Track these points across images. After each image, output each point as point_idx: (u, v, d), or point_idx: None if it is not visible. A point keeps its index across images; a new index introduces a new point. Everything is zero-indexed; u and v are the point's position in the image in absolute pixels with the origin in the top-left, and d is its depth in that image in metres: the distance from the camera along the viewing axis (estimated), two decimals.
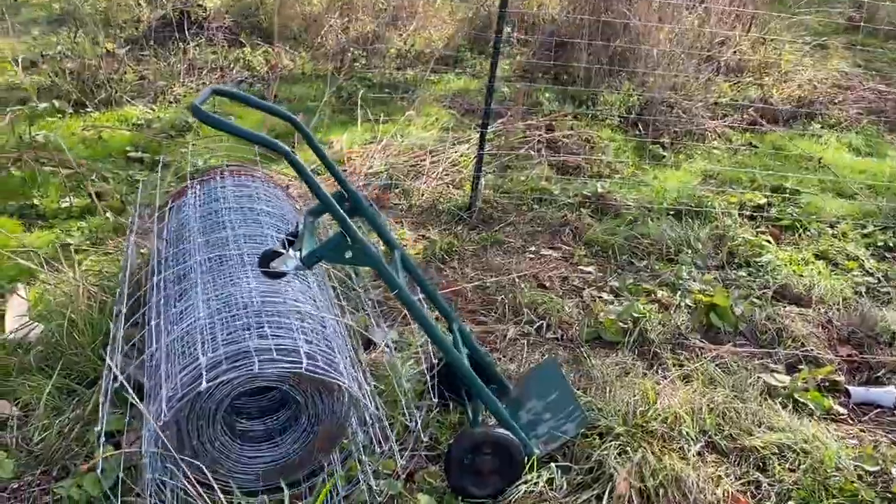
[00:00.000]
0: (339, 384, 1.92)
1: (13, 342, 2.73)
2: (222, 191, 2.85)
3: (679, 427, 2.38)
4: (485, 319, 3.13)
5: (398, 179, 4.33)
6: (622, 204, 4.31)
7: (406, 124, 5.13)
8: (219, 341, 1.96)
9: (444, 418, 2.46)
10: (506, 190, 4.42)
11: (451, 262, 3.61)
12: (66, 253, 3.32)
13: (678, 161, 5.18)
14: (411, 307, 2.08)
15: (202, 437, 2.05)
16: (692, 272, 3.59)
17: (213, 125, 1.84)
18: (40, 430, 2.32)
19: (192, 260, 2.33)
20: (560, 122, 5.44)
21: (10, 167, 3.94)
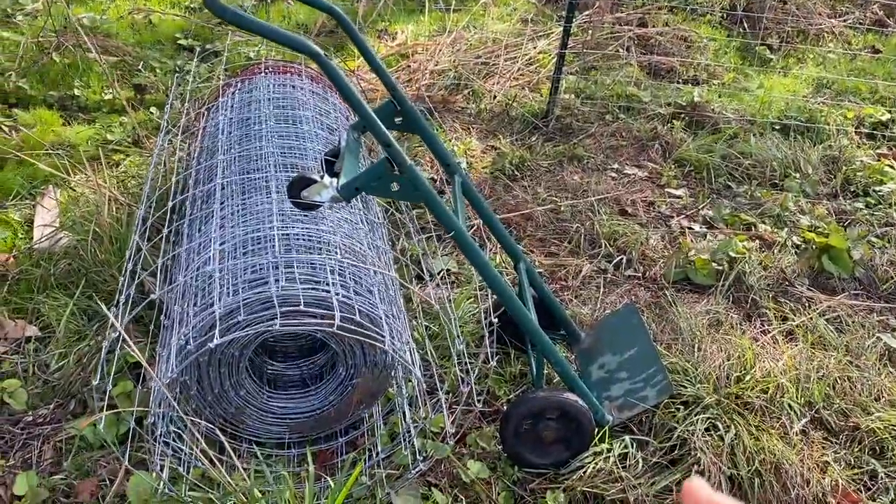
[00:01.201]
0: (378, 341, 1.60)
1: (40, 252, 2.51)
2: (263, 91, 2.50)
3: (780, 398, 2.01)
4: (556, 251, 2.75)
5: (467, 79, 3.88)
6: (720, 116, 3.77)
7: (480, 14, 4.61)
8: (239, 282, 1.66)
9: (503, 369, 2.15)
10: (588, 95, 3.93)
11: (522, 180, 3.21)
12: (105, 151, 3.08)
13: (787, 66, 4.55)
14: (469, 251, 1.72)
15: (224, 385, 1.79)
16: (800, 202, 3.10)
17: (231, 21, 1.46)
18: (58, 358, 2.11)
19: (218, 178, 2.01)
20: (654, 17, 4.82)
21: (51, 53, 3.66)
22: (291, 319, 1.56)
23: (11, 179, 2.88)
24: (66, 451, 1.88)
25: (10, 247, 2.56)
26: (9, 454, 1.89)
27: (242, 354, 1.76)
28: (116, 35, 4.06)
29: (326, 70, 1.51)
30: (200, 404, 1.80)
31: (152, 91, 3.57)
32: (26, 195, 2.81)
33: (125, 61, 3.82)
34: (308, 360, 2.04)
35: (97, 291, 2.30)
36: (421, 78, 3.84)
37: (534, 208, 2.98)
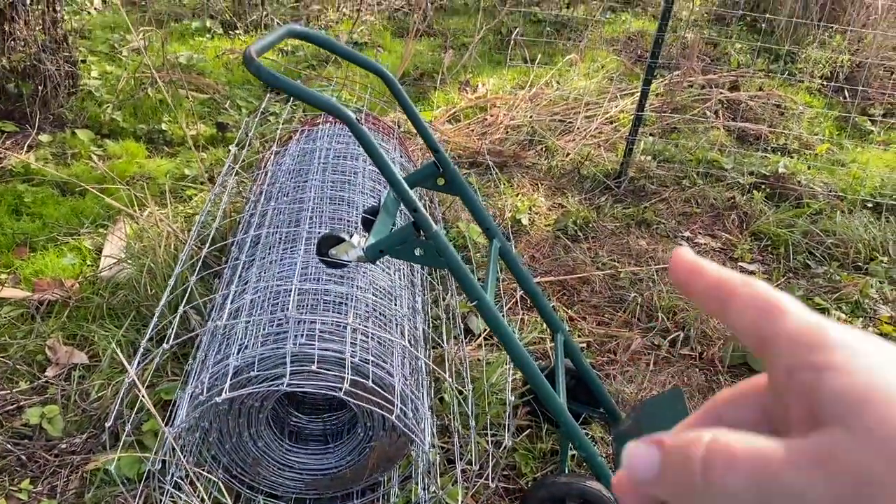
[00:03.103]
0: (389, 409, 1.57)
1: (103, 281, 2.61)
2: (323, 140, 2.54)
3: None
4: (609, 320, 2.65)
5: (542, 135, 3.85)
6: (807, 189, 3.58)
7: (565, 70, 4.58)
8: (261, 335, 1.66)
9: (533, 444, 2.06)
10: (667, 157, 3.81)
11: (585, 241, 3.13)
12: (180, 185, 3.21)
13: (889, 139, 4.29)
14: (493, 322, 1.67)
15: (243, 434, 1.79)
16: (884, 289, 2.88)
17: (267, 81, 1.49)
18: (98, 388, 2.17)
19: (265, 227, 2.03)
20: (748, 81, 4.66)
21: (147, 88, 3.86)
22: (303, 378, 1.54)
23: (90, 207, 3.03)
24: (90, 483, 1.92)
25: (77, 273, 2.68)
26: (38, 480, 1.94)
27: (263, 405, 1.76)
28: (210, 74, 4.25)
29: (356, 133, 1.51)
30: (219, 451, 1.81)
31: (234, 129, 3.70)
32: (101, 224, 2.94)
33: (214, 99, 3.99)
34: (334, 414, 2.02)
35: (145, 325, 2.36)
36: (496, 131, 3.83)
37: (592, 272, 2.89)
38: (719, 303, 0.33)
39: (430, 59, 4.73)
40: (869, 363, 0.28)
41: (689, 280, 0.34)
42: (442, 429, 2.02)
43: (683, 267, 0.35)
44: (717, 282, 0.33)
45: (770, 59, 5.01)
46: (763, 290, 0.32)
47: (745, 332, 0.32)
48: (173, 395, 2.09)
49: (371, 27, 5.12)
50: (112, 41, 4.50)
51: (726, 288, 0.33)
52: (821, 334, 0.29)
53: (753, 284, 0.32)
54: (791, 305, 0.31)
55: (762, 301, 0.31)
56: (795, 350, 0.29)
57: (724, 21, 5.68)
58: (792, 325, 0.30)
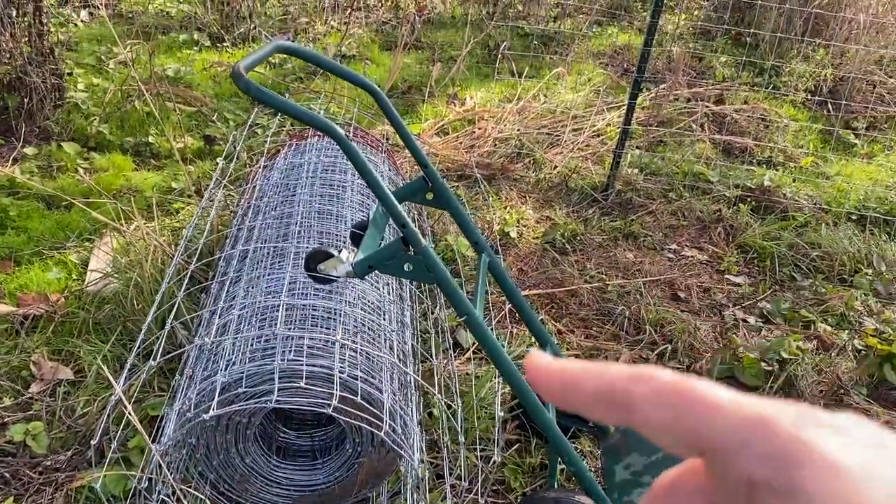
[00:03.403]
0: (377, 425, 1.56)
1: (88, 296, 2.59)
2: (312, 154, 2.54)
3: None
4: (597, 333, 2.66)
5: (529, 147, 3.86)
6: (792, 202, 3.61)
7: (552, 83, 4.61)
8: (248, 351, 1.65)
9: (522, 459, 2.06)
10: (653, 170, 3.84)
11: (573, 254, 3.14)
12: (167, 198, 3.19)
13: (872, 152, 4.34)
14: (482, 337, 1.67)
15: (230, 451, 1.78)
16: (869, 301, 2.91)
17: (255, 97, 1.49)
18: (83, 404, 2.15)
19: (252, 241, 2.03)
20: (733, 94, 4.71)
21: (134, 100, 3.85)
22: (291, 394, 1.53)
23: (76, 221, 3.01)
24: (75, 501, 1.90)
25: (63, 287, 2.66)
26: (22, 498, 1.92)
27: (251, 422, 1.75)
28: (197, 86, 4.25)
29: (344, 149, 1.51)
30: (206, 467, 1.79)
31: (221, 142, 3.69)
32: (87, 238, 2.92)
33: (201, 112, 3.98)
34: (322, 430, 2.01)
35: (132, 340, 2.34)
36: (484, 144, 3.85)
37: (580, 285, 2.89)
38: (618, 411, 0.27)
39: (418, 72, 4.75)
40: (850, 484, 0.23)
41: (567, 393, 0.28)
42: (431, 444, 2.01)
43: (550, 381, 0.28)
44: (601, 388, 0.27)
45: (755, 72, 5.06)
46: (665, 381, 0.26)
47: (667, 437, 0.26)
48: (160, 411, 2.07)
49: (359, 40, 5.14)
50: (99, 53, 4.49)
51: (618, 391, 0.27)
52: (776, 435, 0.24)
53: (651, 377, 0.27)
54: (710, 390, 0.26)
55: (672, 394, 0.26)
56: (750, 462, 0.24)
57: (709, 35, 5.73)
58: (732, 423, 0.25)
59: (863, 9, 4.97)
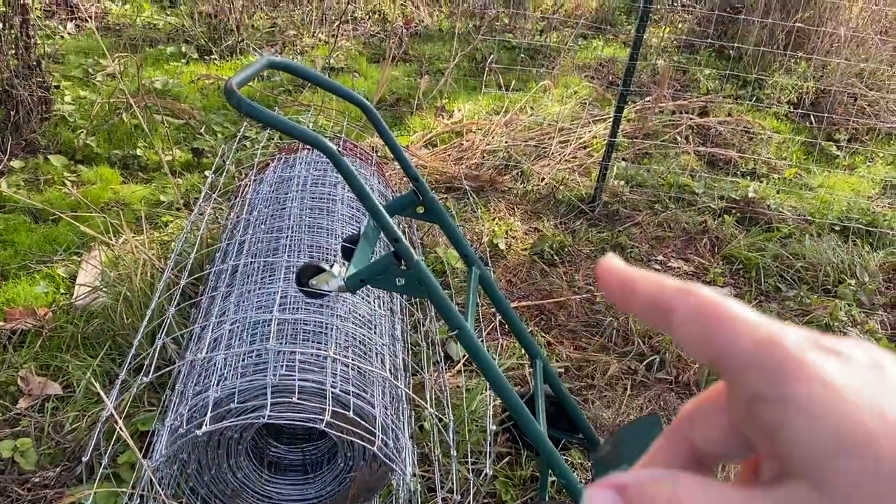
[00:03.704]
0: (369, 440, 1.57)
1: (77, 310, 2.58)
2: (302, 167, 2.55)
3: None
4: (586, 344, 2.68)
5: (517, 160, 3.89)
6: (776, 213, 3.66)
7: (539, 95, 4.64)
8: (240, 366, 1.65)
9: (513, 472, 2.07)
10: (639, 182, 3.88)
11: (561, 265, 3.16)
12: (155, 212, 3.19)
13: (854, 163, 4.40)
14: (474, 351, 1.68)
15: (222, 466, 1.77)
16: (853, 312, 2.95)
17: (246, 113, 1.50)
18: (73, 420, 2.14)
19: (242, 256, 2.03)
20: (717, 107, 4.76)
21: (121, 113, 3.84)
22: (283, 410, 1.54)
23: (64, 234, 2.99)
24: None
25: (51, 302, 2.64)
26: None
27: (242, 437, 1.75)
28: (185, 99, 4.25)
29: (336, 164, 1.52)
30: (197, 483, 1.79)
31: (210, 155, 3.70)
32: (75, 251, 2.91)
33: (189, 125, 3.98)
34: (313, 444, 2.01)
35: (122, 354, 2.34)
36: (472, 156, 3.87)
37: (569, 296, 2.92)
38: (660, 318, 0.30)
39: (406, 84, 4.77)
40: (840, 397, 0.24)
41: (623, 296, 0.31)
42: (422, 457, 2.02)
43: (612, 281, 0.31)
44: (653, 294, 0.30)
45: (738, 85, 5.12)
46: (705, 298, 0.28)
47: (694, 349, 0.29)
48: (150, 426, 2.07)
49: (347, 53, 5.16)
50: (86, 66, 4.48)
51: (664, 300, 0.29)
52: (780, 354, 0.26)
53: (694, 292, 0.29)
54: (739, 312, 0.28)
55: (706, 311, 0.28)
56: (753, 377, 0.26)
57: (693, 48, 5.80)
58: (745, 340, 0.27)
59: (843, 23, 5.05)
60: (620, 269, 0.31)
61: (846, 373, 0.25)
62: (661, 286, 0.30)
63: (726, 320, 0.27)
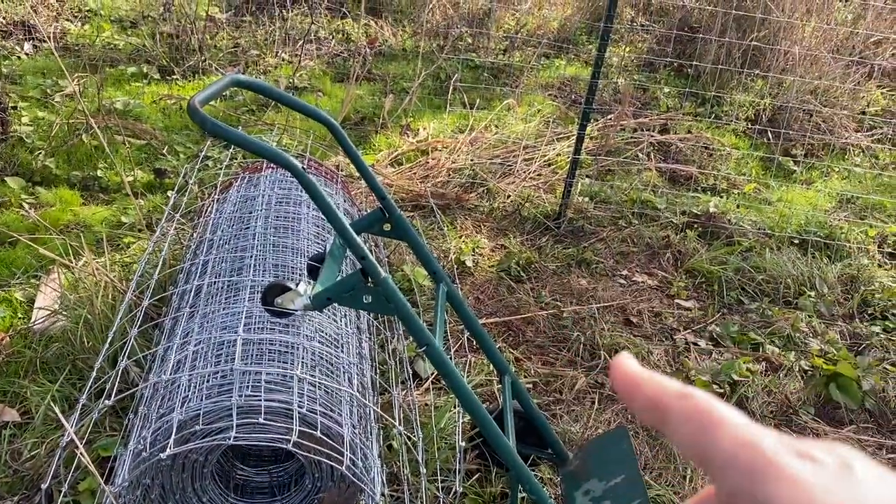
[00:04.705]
0: (338, 460, 1.55)
1: (35, 334, 2.52)
2: (265, 186, 2.53)
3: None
4: (554, 359, 2.69)
5: (483, 177, 3.91)
6: (737, 228, 3.72)
7: (503, 114, 4.68)
8: (205, 388, 1.63)
9: (483, 488, 2.06)
10: (603, 198, 3.92)
11: (528, 281, 3.18)
12: (117, 233, 3.14)
13: (810, 178, 4.51)
14: (442, 367, 1.68)
15: (187, 490, 1.74)
16: (813, 322, 3.00)
17: (211, 132, 1.49)
18: (31, 447, 2.08)
19: (206, 276, 2.01)
20: (677, 124, 4.85)
21: (81, 134, 3.78)
22: (249, 431, 1.51)
23: (21, 258, 2.93)
24: None
25: (7, 326, 2.58)
26: None
27: (208, 459, 1.71)
28: (147, 119, 4.20)
29: (302, 183, 1.52)
30: None
31: (172, 175, 3.65)
32: (33, 274, 2.85)
33: (151, 145, 3.94)
34: (281, 466, 1.98)
35: (82, 379, 2.28)
36: (438, 174, 3.88)
37: (536, 312, 2.93)
38: (658, 417, 0.33)
39: (370, 103, 4.78)
40: (812, 497, 0.27)
41: (629, 392, 0.34)
42: (391, 476, 2.00)
43: (623, 379, 0.35)
44: (654, 395, 0.33)
45: (697, 102, 5.22)
46: (699, 402, 0.31)
47: (685, 449, 0.31)
48: (112, 451, 2.02)
49: (311, 72, 5.15)
50: (44, 87, 4.41)
51: (663, 402, 0.33)
52: (758, 456, 0.28)
53: (690, 396, 0.32)
54: (728, 416, 0.30)
55: (698, 414, 0.31)
56: (733, 475, 0.29)
57: (652, 67, 5.91)
58: (728, 442, 0.29)
59: (797, 41, 5.19)
60: (631, 368, 0.35)
61: (818, 474, 0.27)
62: (663, 388, 0.33)
63: (715, 423, 0.30)
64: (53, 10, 5.55)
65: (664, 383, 0.33)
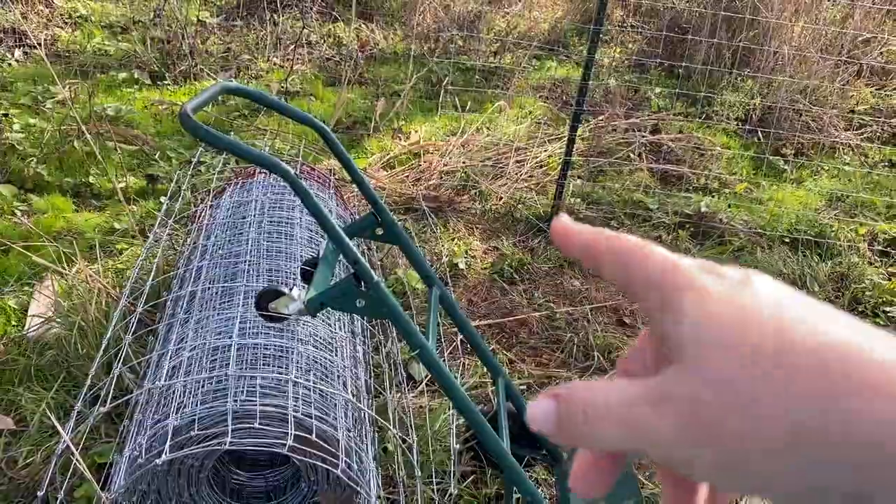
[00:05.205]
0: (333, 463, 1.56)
1: (30, 341, 2.52)
2: (258, 191, 2.54)
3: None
4: (547, 360, 2.70)
5: (475, 180, 3.93)
6: (728, 227, 3.75)
7: (495, 116, 4.70)
8: (200, 393, 1.63)
9: (477, 490, 2.07)
10: (595, 199, 3.94)
11: (521, 283, 3.19)
12: (110, 240, 3.14)
13: (801, 177, 4.54)
14: (436, 370, 1.69)
15: (183, 496, 1.74)
16: None
17: (204, 139, 1.49)
18: (27, 454, 2.08)
19: (200, 282, 2.02)
20: (668, 124, 4.87)
21: (73, 140, 3.78)
22: (244, 436, 1.52)
23: (15, 265, 2.93)
24: None
25: (1, 334, 2.58)
26: None
27: (203, 465, 1.72)
28: (138, 125, 4.20)
29: (295, 188, 1.53)
30: None
31: (164, 181, 3.66)
32: (26, 282, 2.85)
33: (143, 151, 3.94)
34: (276, 470, 1.99)
35: (77, 386, 2.29)
36: (430, 177, 3.89)
37: (529, 314, 2.94)
38: (593, 259, 0.37)
39: (362, 107, 4.79)
40: (704, 310, 0.31)
41: (565, 242, 0.38)
42: (387, 479, 2.01)
43: (559, 230, 0.39)
44: (588, 240, 0.37)
45: (688, 103, 5.25)
46: (626, 239, 0.36)
47: (616, 282, 0.36)
48: (108, 458, 2.02)
49: (303, 76, 5.16)
50: (35, 93, 4.40)
51: (596, 244, 0.37)
52: (673, 277, 0.33)
53: (620, 237, 0.36)
54: (653, 249, 0.35)
55: (627, 249, 0.35)
56: (651, 293, 0.33)
57: (643, 68, 5.93)
58: (651, 268, 0.34)
59: (786, 41, 5.22)
60: (568, 222, 0.39)
61: (720, 284, 0.32)
62: (596, 232, 0.37)
63: (645, 254, 0.35)
64: (44, 17, 5.55)
65: (598, 230, 0.37)
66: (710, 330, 0.31)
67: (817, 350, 0.29)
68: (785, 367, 0.29)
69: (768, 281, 0.33)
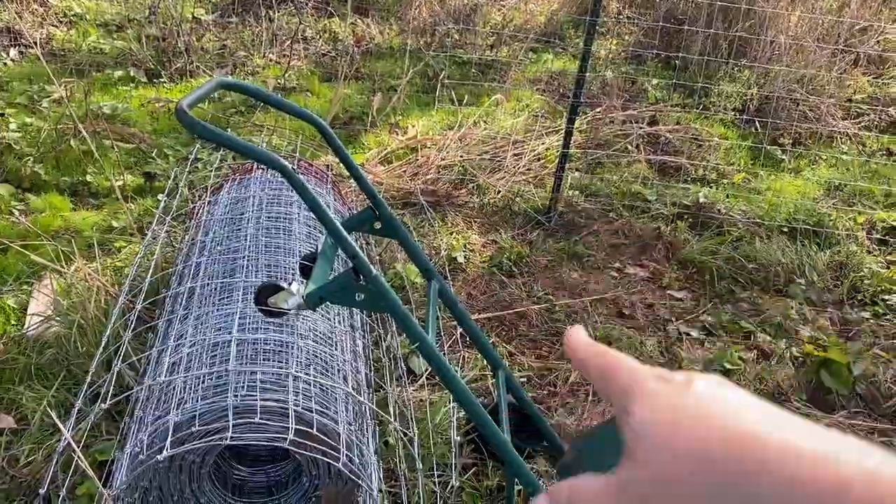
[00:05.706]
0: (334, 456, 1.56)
1: (29, 340, 2.52)
2: (256, 187, 2.53)
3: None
4: (546, 353, 2.70)
5: (472, 174, 3.92)
6: (727, 217, 3.75)
7: (492, 109, 4.69)
8: (201, 388, 1.63)
9: (479, 483, 2.08)
10: (593, 191, 3.94)
11: (520, 276, 3.19)
12: (108, 238, 3.14)
13: (798, 167, 4.53)
14: (436, 363, 1.69)
15: (185, 492, 1.75)
16: (804, 310, 3.03)
17: (202, 136, 1.49)
18: (28, 453, 2.08)
19: (199, 278, 2.01)
20: (665, 115, 4.87)
21: (69, 139, 3.77)
22: (245, 431, 1.52)
23: (13, 264, 2.92)
24: None
25: (1, 333, 2.58)
26: None
27: (205, 460, 1.72)
28: (135, 123, 4.19)
29: (292, 183, 1.53)
30: None
31: (162, 179, 3.65)
32: (25, 281, 2.84)
33: (140, 149, 3.93)
34: (277, 465, 1.99)
35: (77, 384, 2.29)
36: (428, 171, 3.89)
37: (528, 307, 2.94)
38: (587, 372, 0.45)
39: (359, 102, 4.78)
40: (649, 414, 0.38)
41: (571, 357, 0.47)
42: (388, 472, 2.02)
43: (567, 346, 0.47)
44: (582, 358, 0.45)
45: (685, 94, 5.24)
46: (606, 356, 0.43)
47: (598, 390, 0.44)
48: (109, 455, 2.03)
49: (299, 72, 5.15)
50: (31, 92, 4.39)
51: (586, 361, 0.45)
52: (632, 386, 0.40)
53: (607, 354, 0.44)
54: (621, 363, 0.42)
55: (605, 365, 0.43)
56: (618, 400, 0.41)
57: (640, 59, 5.92)
58: (619, 379, 0.41)
59: (783, 31, 5.22)
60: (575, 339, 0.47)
61: (665, 388, 0.39)
62: (591, 350, 0.45)
63: (614, 367, 0.42)
64: (39, 16, 5.53)
65: (592, 348, 0.45)
66: (650, 432, 0.37)
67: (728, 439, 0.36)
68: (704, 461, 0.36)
69: (708, 382, 0.39)
